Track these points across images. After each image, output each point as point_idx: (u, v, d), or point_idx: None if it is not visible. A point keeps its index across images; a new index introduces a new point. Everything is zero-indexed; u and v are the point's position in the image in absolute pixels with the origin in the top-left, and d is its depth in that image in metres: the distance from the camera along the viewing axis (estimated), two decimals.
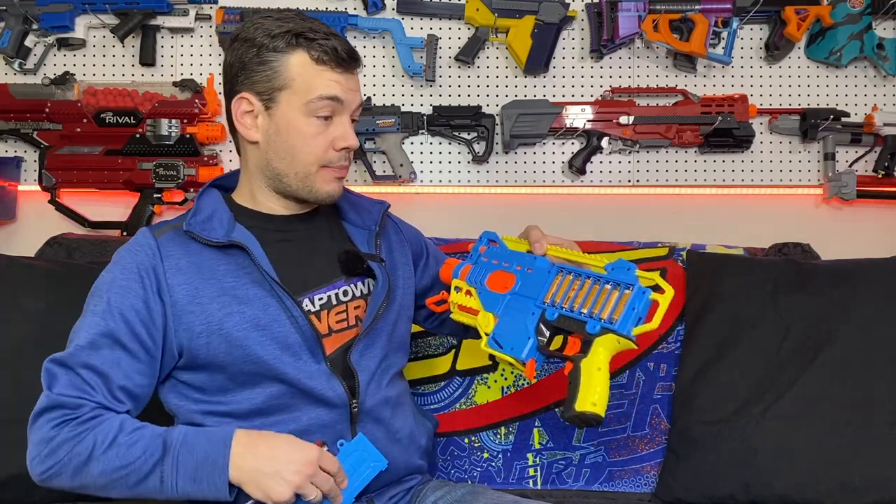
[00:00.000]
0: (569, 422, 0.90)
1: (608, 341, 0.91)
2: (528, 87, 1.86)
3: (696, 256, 1.58)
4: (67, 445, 0.96)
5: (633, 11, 1.78)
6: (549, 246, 1.06)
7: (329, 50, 1.07)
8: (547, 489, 1.48)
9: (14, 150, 1.85)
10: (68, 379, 0.99)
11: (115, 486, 0.96)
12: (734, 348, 1.43)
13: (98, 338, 1.01)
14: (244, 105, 1.10)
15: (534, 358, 0.97)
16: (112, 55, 1.86)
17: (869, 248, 1.64)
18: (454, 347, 1.54)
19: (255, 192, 1.15)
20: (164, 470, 0.95)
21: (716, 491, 1.36)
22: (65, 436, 0.96)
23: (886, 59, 1.82)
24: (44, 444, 0.97)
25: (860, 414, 1.35)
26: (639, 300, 0.90)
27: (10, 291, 1.44)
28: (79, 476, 0.96)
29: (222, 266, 1.07)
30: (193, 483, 0.95)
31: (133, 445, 0.95)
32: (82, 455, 0.95)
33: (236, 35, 1.10)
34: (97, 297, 1.05)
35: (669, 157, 1.86)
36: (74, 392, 0.98)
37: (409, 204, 1.82)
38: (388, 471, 1.09)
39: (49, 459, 0.97)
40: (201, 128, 1.80)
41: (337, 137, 1.10)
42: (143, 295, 1.04)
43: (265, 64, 1.07)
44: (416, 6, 1.83)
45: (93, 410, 0.98)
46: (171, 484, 0.95)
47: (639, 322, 0.91)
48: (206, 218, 1.09)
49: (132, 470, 0.95)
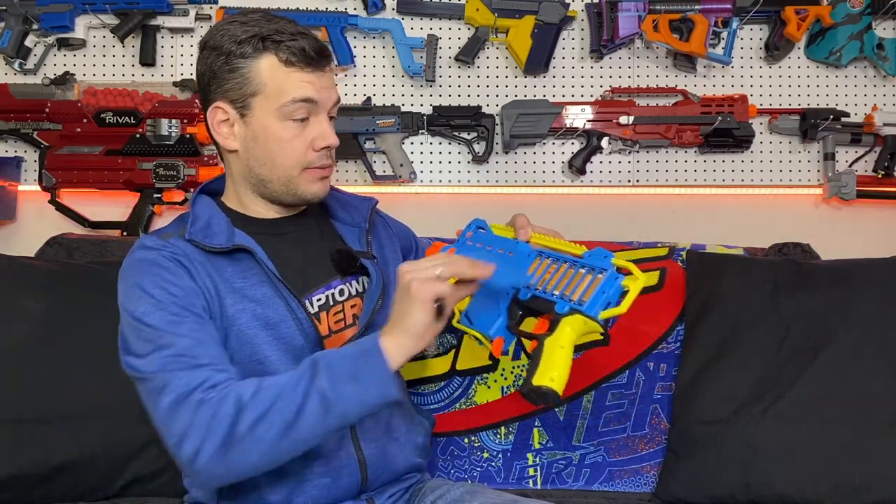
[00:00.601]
0: (525, 397, 0.90)
1: (575, 322, 0.91)
2: (528, 87, 1.86)
3: (696, 256, 1.58)
4: (210, 410, 0.91)
5: (633, 11, 1.78)
6: (534, 233, 1.06)
7: (297, 51, 1.04)
8: (547, 489, 1.48)
9: (14, 150, 1.85)
10: (181, 376, 0.95)
11: (271, 432, 0.90)
12: (734, 348, 1.43)
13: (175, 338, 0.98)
14: (219, 114, 1.08)
15: (502, 336, 0.99)
16: (112, 55, 1.86)
17: (869, 248, 1.64)
18: (454, 347, 1.54)
19: (242, 197, 1.14)
20: (321, 385, 0.90)
21: (716, 491, 1.36)
22: (205, 409, 0.91)
23: (886, 59, 1.82)
24: (185, 426, 0.92)
25: (860, 414, 1.35)
26: (609, 285, 0.91)
27: (10, 291, 1.44)
28: (231, 439, 0.90)
29: (229, 269, 1.07)
30: (354, 382, 0.90)
31: (278, 381, 0.92)
32: (229, 412, 0.91)
33: (205, 43, 1.08)
34: (146, 303, 1.01)
35: (669, 157, 1.86)
36: (194, 381, 0.95)
37: (409, 204, 1.83)
38: (386, 469, 1.10)
39: (190, 438, 0.91)
40: (201, 128, 1.79)
41: (315, 138, 1.08)
42: (188, 276, 1.03)
43: (235, 71, 1.05)
44: (416, 6, 1.83)
45: (222, 382, 0.95)
46: (333, 397, 0.89)
47: (608, 306, 0.91)
48: (204, 225, 1.08)
49: (288, 402, 0.90)
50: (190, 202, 1.14)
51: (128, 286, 1.04)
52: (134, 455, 1.37)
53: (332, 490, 1.06)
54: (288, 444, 0.92)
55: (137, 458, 1.37)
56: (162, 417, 0.95)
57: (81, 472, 1.35)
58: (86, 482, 1.35)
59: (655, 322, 1.54)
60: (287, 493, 1.05)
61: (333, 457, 1.06)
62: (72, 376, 1.38)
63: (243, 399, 0.92)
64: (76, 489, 1.35)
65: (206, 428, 0.91)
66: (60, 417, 1.36)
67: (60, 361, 1.39)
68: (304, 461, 1.04)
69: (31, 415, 1.35)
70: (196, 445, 0.91)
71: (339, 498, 1.08)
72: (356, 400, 0.90)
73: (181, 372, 0.95)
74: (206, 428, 0.91)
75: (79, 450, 1.34)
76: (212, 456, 0.91)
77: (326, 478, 1.06)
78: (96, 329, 1.43)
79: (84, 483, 1.35)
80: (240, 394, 0.92)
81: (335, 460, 1.06)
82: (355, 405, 0.91)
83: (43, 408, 1.36)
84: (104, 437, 1.36)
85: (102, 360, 1.40)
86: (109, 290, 1.45)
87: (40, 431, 1.34)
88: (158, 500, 1.38)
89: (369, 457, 1.09)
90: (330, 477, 1.06)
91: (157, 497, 1.38)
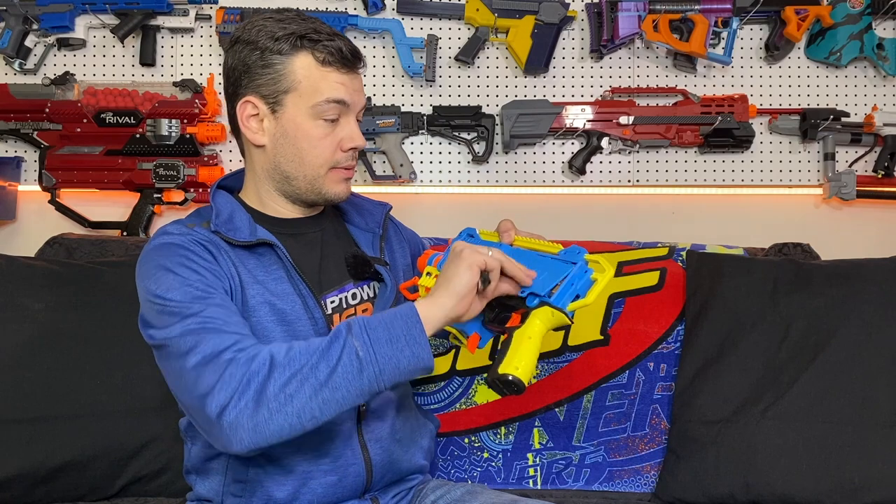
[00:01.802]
0: (490, 385, 0.92)
1: (543, 314, 0.93)
2: (528, 87, 1.86)
3: (696, 256, 1.58)
4: (241, 368, 0.89)
5: (633, 11, 1.78)
6: (517, 237, 1.08)
7: (334, 51, 1.06)
8: (547, 489, 1.48)
9: (14, 150, 1.85)
10: (210, 338, 0.93)
11: (304, 391, 0.88)
12: (734, 348, 1.43)
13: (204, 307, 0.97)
14: (249, 109, 1.09)
15: (477, 332, 1.01)
16: (112, 55, 1.86)
17: (869, 248, 1.64)
18: (454, 347, 1.54)
19: (262, 194, 1.14)
20: (355, 344, 0.89)
21: (716, 491, 1.36)
22: (235, 366, 0.89)
23: (886, 59, 1.82)
24: (213, 382, 0.89)
25: (860, 414, 1.35)
26: (578, 277, 0.94)
27: (10, 291, 1.44)
28: (261, 397, 0.88)
29: (252, 261, 1.07)
30: (389, 343, 0.89)
31: (312, 342, 0.91)
32: (261, 369, 0.89)
33: (237, 37, 1.09)
34: (170, 278, 0.99)
35: (669, 157, 1.86)
36: (224, 343, 0.93)
37: (409, 204, 1.83)
38: (391, 469, 1.11)
39: (218, 392, 0.88)
40: (201, 128, 1.80)
41: (344, 138, 1.10)
42: (214, 261, 1.03)
43: (269, 67, 1.06)
44: (416, 6, 1.83)
45: (252, 345, 0.93)
46: (366, 357, 0.88)
47: (576, 298, 0.94)
48: (227, 219, 1.09)
49: (321, 360, 0.89)
50: (210, 196, 1.14)
51: (150, 268, 1.02)
52: (134, 455, 1.37)
53: (337, 489, 1.07)
54: (318, 404, 0.89)
55: (137, 458, 1.37)
56: (187, 377, 0.92)
57: (81, 472, 1.35)
58: (86, 482, 1.35)
59: (655, 322, 1.54)
60: (293, 491, 1.05)
61: (340, 455, 1.07)
62: (72, 376, 1.38)
63: (276, 358, 0.90)
64: (76, 489, 1.35)
65: (237, 383, 0.89)
66: (60, 417, 1.36)
67: (60, 361, 1.39)
68: (310, 459, 1.05)
69: (31, 415, 1.35)
70: (224, 401, 0.89)
71: (343, 497, 1.08)
72: (390, 362, 0.90)
73: (209, 335, 0.93)
74: (236, 383, 0.89)
75: (79, 450, 1.34)
76: (241, 412, 0.88)
77: (332, 476, 1.06)
78: (96, 329, 1.43)
79: (84, 483, 1.35)
80: (272, 352, 0.91)
81: (341, 459, 1.07)
82: (390, 367, 0.90)
83: (43, 408, 1.36)
84: (104, 437, 1.36)
85: (102, 360, 1.41)
86: (109, 290, 1.47)
87: (40, 431, 1.34)
88: (158, 500, 1.38)
89: (375, 457, 1.09)
90: (336, 475, 1.06)
91: (157, 497, 1.38)
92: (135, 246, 1.62)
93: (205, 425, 0.93)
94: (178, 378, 0.94)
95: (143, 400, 1.39)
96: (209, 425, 0.91)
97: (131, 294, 1.05)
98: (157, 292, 0.98)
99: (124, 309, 1.43)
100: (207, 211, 1.12)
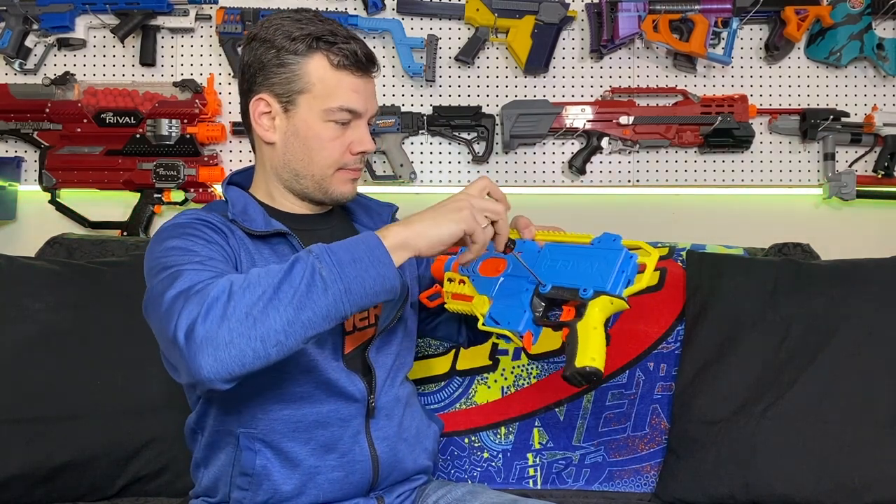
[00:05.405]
0: (570, 381, 0.93)
1: (602, 303, 0.95)
2: (528, 87, 1.86)
3: (696, 256, 1.58)
4: (199, 296, 0.86)
5: (632, 11, 1.78)
6: (537, 231, 1.08)
7: (349, 54, 1.07)
8: (547, 489, 1.48)
9: (14, 150, 1.85)
10: (189, 273, 0.92)
11: (269, 313, 0.84)
12: (734, 348, 1.43)
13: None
14: (262, 106, 1.09)
15: (530, 330, 1.01)
16: (112, 55, 1.86)
17: (869, 248, 1.64)
18: (455, 347, 1.54)
19: (272, 190, 1.15)
20: (319, 264, 0.87)
21: (716, 491, 1.35)
22: (197, 294, 0.87)
23: (886, 59, 1.82)
24: (180, 309, 0.86)
25: (860, 414, 1.35)
26: (627, 263, 0.96)
27: (10, 291, 1.44)
28: (225, 310, 0.84)
29: (266, 251, 1.08)
30: (354, 265, 0.87)
31: (271, 267, 0.89)
32: (222, 288, 0.86)
33: (255, 34, 1.10)
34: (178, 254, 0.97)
35: (669, 157, 1.86)
36: (199, 277, 0.91)
37: (409, 204, 1.82)
38: (397, 468, 1.12)
39: (186, 312, 0.85)
40: (201, 128, 1.80)
41: (354, 142, 1.10)
42: (227, 242, 1.03)
43: (285, 66, 1.07)
44: (416, 6, 1.83)
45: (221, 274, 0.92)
46: (332, 274, 0.86)
47: (628, 284, 0.96)
48: (242, 210, 1.10)
49: (284, 279, 0.86)
50: (222, 190, 1.15)
51: (157, 247, 1.00)
52: (134, 455, 1.37)
53: (343, 485, 1.07)
54: (283, 325, 0.85)
55: (137, 458, 1.37)
56: (163, 314, 0.89)
57: (81, 472, 1.35)
58: (86, 482, 1.36)
59: (655, 322, 1.54)
60: (300, 485, 1.06)
61: (348, 451, 1.07)
62: (72, 376, 1.39)
63: (235, 282, 0.87)
64: (76, 489, 1.35)
65: (199, 303, 0.86)
66: (60, 417, 1.36)
67: (60, 361, 1.39)
68: (318, 454, 1.06)
69: (31, 415, 1.35)
70: (190, 320, 0.85)
71: (349, 494, 1.09)
72: (356, 280, 0.87)
73: (189, 273, 0.91)
74: (198, 303, 0.86)
75: (79, 450, 1.35)
76: (209, 327, 0.84)
77: (339, 472, 1.07)
78: (96, 329, 1.43)
79: (84, 483, 1.35)
80: (231, 279, 0.88)
81: (349, 455, 1.07)
82: (356, 286, 0.87)
83: (43, 408, 1.36)
84: (104, 437, 1.36)
85: (102, 360, 1.41)
86: (109, 290, 1.47)
87: (40, 431, 1.34)
88: (158, 500, 1.38)
89: (382, 454, 1.10)
90: (343, 471, 1.07)
91: (158, 497, 1.38)
92: (135, 246, 1.62)
93: (174, 356, 0.89)
94: (158, 320, 0.91)
95: (143, 400, 1.40)
96: (178, 353, 0.86)
97: (131, 294, 1.06)
98: (157, 252, 0.98)
99: (124, 309, 1.43)
100: (220, 205, 1.13)
